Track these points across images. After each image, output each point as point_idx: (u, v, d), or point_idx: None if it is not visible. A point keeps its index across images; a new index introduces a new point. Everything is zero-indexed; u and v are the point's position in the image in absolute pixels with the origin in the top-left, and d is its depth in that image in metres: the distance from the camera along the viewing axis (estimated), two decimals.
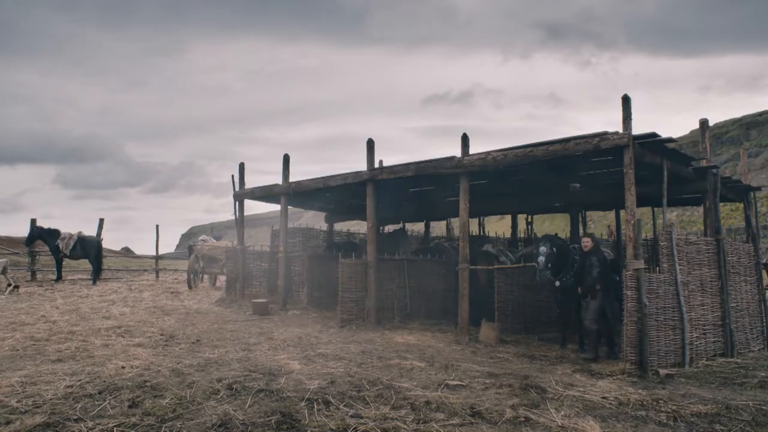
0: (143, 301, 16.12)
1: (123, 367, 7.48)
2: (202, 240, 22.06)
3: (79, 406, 5.67)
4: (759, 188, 11.75)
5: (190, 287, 19.67)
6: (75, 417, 5.32)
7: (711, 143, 10.49)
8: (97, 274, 21.21)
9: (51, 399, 5.90)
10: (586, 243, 9.63)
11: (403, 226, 19.10)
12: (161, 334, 10.49)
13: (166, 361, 7.99)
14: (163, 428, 5.12)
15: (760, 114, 42.84)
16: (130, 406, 5.74)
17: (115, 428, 5.05)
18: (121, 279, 24.17)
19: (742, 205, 11.84)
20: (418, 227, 21.14)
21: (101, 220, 23.20)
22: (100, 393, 6.18)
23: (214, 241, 21.69)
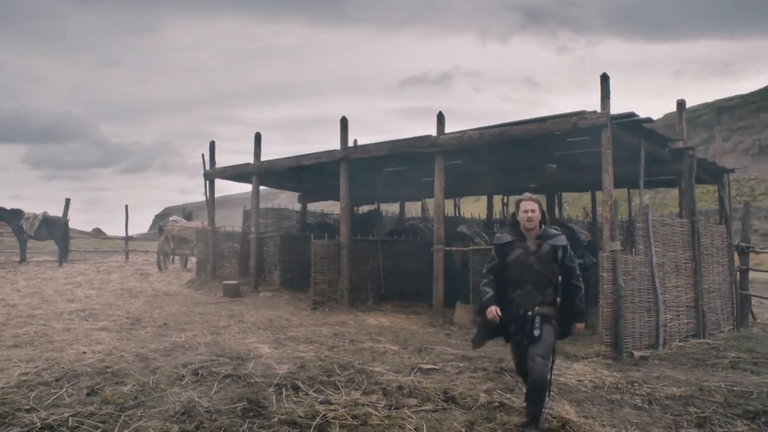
0: (110, 284, 15.69)
1: (84, 353, 7.17)
2: (172, 220, 21.57)
3: (33, 395, 5.36)
4: (733, 170, 11.77)
5: (160, 269, 19.25)
6: (27, 407, 5.02)
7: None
8: (63, 255, 20.62)
9: (2, 388, 5.57)
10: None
11: (378, 207, 18.89)
12: (127, 318, 10.16)
13: (130, 346, 7.70)
14: (122, 417, 4.85)
15: (731, 99, 43.41)
16: (88, 394, 5.46)
17: (70, 418, 4.77)
18: (90, 260, 23.57)
19: (711, 188, 11.88)
20: (393, 208, 20.93)
21: (67, 200, 22.56)
22: (57, 380, 5.88)
23: (185, 221, 21.22)
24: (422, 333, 9.61)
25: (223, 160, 14.84)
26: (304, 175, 15.45)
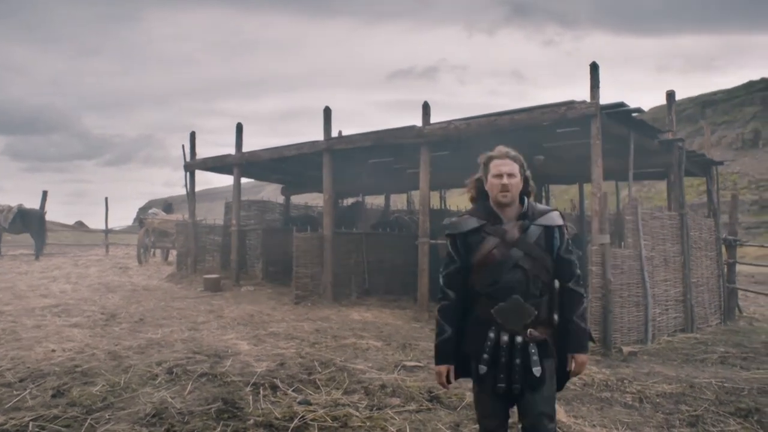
0: (88, 278, 15.30)
1: (53, 351, 6.86)
2: (152, 213, 21.13)
3: None
4: (721, 163, 11.67)
5: (140, 262, 18.86)
6: None
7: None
8: (39, 249, 20.13)
9: None
10: None
11: (363, 199, 18.63)
12: (102, 313, 9.83)
13: (103, 343, 7.39)
14: (88, 420, 4.57)
15: (715, 93, 43.64)
16: (53, 396, 5.16)
17: (31, 423, 4.48)
18: (69, 254, 23.08)
19: (695, 182, 11.74)
20: (378, 200, 20.68)
21: (44, 192, 22.03)
22: (21, 381, 5.58)
23: (165, 214, 20.81)
24: (407, 328, 9.39)
25: (207, 153, 14.50)
26: (287, 166, 15.14)
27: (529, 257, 2.91)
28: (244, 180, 15.40)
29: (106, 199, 24.35)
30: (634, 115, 8.67)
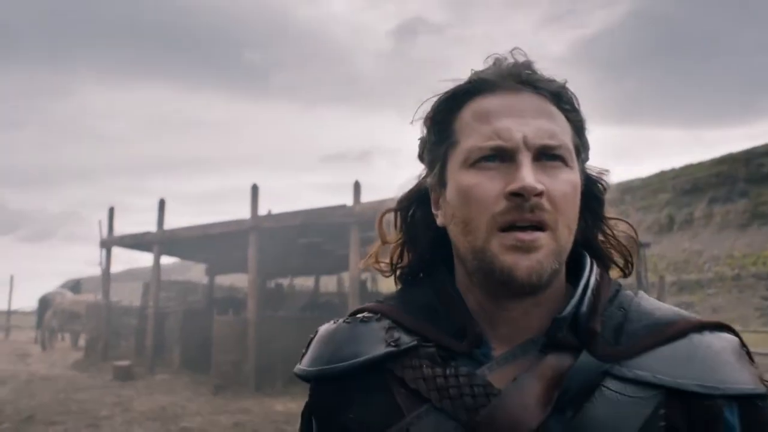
0: None
1: None
2: (57, 293, 19.61)
3: None
4: (648, 244, 11.98)
5: (43, 348, 17.25)
6: None
7: None
8: None
9: None
10: None
11: (291, 281, 18.03)
12: None
13: None
14: None
15: (632, 181, 46.31)
16: None
17: None
18: None
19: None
20: (308, 282, 20.07)
21: None
22: None
23: (71, 294, 19.36)
24: None
25: (133, 231, 13.66)
26: (213, 245, 14.47)
27: None
28: (170, 259, 14.66)
29: (12, 277, 22.65)
30: None
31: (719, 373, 0.67)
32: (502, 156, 0.70)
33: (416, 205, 0.87)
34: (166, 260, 14.23)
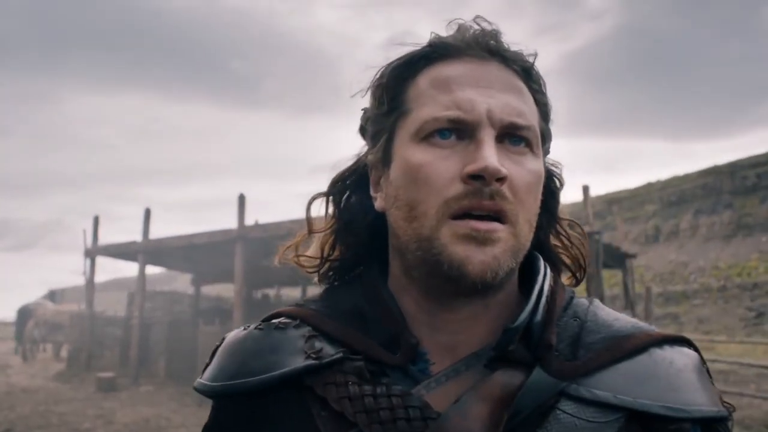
0: None
1: None
2: (38, 303, 19.36)
3: None
4: (635, 255, 12.04)
5: (24, 359, 16.99)
6: None
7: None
8: None
9: None
10: None
11: (278, 291, 17.91)
12: None
13: None
14: None
15: (620, 192, 46.68)
16: None
17: None
18: None
19: (606, 275, 12.01)
20: (295, 293, 19.94)
21: None
22: None
23: (51, 304, 19.10)
24: None
25: (119, 240, 13.52)
26: (199, 255, 14.36)
27: None
28: (156, 269, 14.54)
29: None
30: None
31: (683, 394, 0.60)
32: (461, 132, 0.62)
33: (353, 187, 0.76)
34: (151, 270, 14.11)
